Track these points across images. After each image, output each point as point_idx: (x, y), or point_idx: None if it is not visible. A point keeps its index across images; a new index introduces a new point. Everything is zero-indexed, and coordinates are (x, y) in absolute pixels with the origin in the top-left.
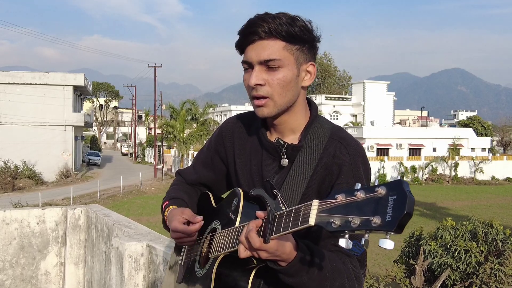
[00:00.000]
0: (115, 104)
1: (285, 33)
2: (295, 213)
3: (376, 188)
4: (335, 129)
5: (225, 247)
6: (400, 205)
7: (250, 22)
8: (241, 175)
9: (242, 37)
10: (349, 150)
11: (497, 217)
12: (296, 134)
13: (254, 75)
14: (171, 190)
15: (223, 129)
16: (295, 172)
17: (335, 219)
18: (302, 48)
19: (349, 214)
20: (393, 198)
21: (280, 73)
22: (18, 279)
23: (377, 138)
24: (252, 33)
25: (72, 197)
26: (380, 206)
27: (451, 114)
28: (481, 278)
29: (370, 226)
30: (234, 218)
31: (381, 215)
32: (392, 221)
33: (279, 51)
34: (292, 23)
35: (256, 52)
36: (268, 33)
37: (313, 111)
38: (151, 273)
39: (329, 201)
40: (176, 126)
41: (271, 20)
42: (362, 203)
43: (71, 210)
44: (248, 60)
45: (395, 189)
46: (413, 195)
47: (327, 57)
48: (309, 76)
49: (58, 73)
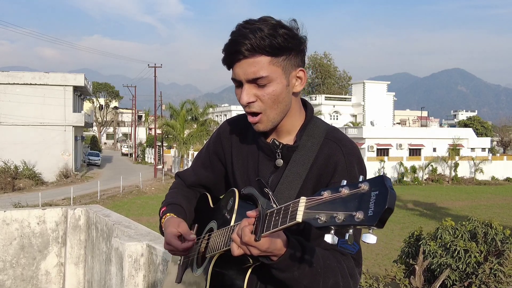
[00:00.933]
0: (115, 104)
1: (269, 47)
2: (284, 211)
3: (359, 184)
4: (330, 129)
5: (220, 246)
6: (382, 200)
7: (232, 40)
8: (238, 176)
9: (227, 56)
10: (343, 150)
11: (497, 217)
12: (291, 135)
13: (244, 94)
14: (170, 194)
15: (221, 130)
16: (290, 172)
17: (321, 215)
18: (289, 56)
19: (334, 210)
20: (375, 193)
21: (269, 88)
22: (19, 279)
23: (377, 138)
24: (236, 52)
25: (72, 197)
26: (363, 202)
27: (451, 114)
28: (481, 278)
29: (353, 221)
30: (230, 218)
31: (363, 210)
32: (373, 216)
33: (265, 67)
34: (275, 33)
35: (243, 70)
36: (252, 50)
37: (309, 112)
38: (151, 273)
39: (315, 198)
40: (176, 126)
41: (252, 36)
42: (347, 199)
43: (71, 211)
44: (236, 78)
45: (377, 184)
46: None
47: (327, 57)
48: (299, 81)
49: (58, 74)
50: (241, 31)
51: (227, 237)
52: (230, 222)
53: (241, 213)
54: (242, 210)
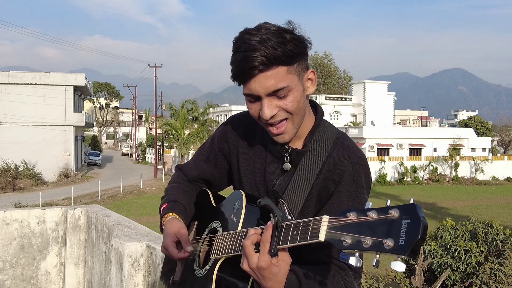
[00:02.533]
0: (116, 104)
1: (284, 57)
2: (304, 226)
3: (390, 210)
4: (340, 135)
5: (227, 250)
6: (414, 230)
7: (244, 56)
8: (244, 175)
9: (240, 73)
10: (352, 158)
11: (497, 217)
12: (301, 138)
13: (266, 108)
14: (170, 189)
15: (228, 126)
16: (299, 177)
17: (347, 238)
18: (300, 61)
19: (361, 234)
20: (406, 222)
21: (290, 97)
22: (19, 279)
23: (378, 138)
24: (251, 68)
25: (73, 197)
26: (393, 229)
27: (451, 114)
28: (481, 278)
29: (382, 248)
30: (236, 222)
31: (394, 238)
32: (405, 245)
33: (284, 77)
34: (284, 41)
35: (261, 85)
36: (267, 63)
37: (319, 115)
38: (151, 273)
39: (340, 219)
40: (177, 126)
41: (262, 47)
42: (374, 224)
43: (71, 210)
44: (253, 93)
45: (409, 212)
46: (426, 221)
47: (327, 57)
48: (311, 83)
49: (58, 73)
50: (248, 44)
51: (235, 242)
52: (237, 227)
53: (249, 218)
54: (249, 215)
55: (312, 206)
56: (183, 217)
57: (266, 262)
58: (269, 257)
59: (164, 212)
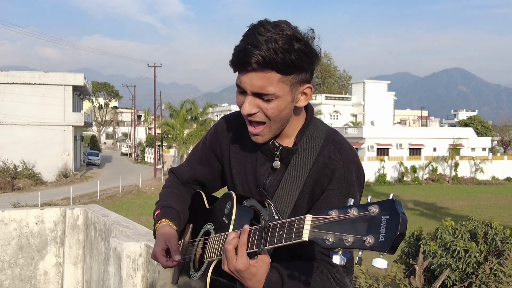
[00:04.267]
0: (115, 104)
1: (281, 64)
2: (289, 226)
3: (369, 207)
4: (331, 131)
5: (219, 253)
6: (393, 226)
7: (244, 48)
8: (235, 175)
9: (235, 63)
10: (343, 155)
11: (497, 217)
12: (291, 136)
13: (247, 104)
14: (164, 194)
15: (219, 127)
16: (290, 175)
17: (329, 236)
18: (298, 74)
19: (343, 232)
20: (386, 218)
21: (273, 103)
22: (17, 279)
23: (377, 138)
24: (245, 63)
25: (72, 197)
26: (373, 226)
27: (451, 114)
28: (481, 278)
29: (363, 246)
30: (228, 223)
31: (374, 235)
32: (385, 241)
33: (274, 84)
34: (289, 48)
35: (250, 82)
36: (263, 64)
37: (309, 113)
38: (149, 273)
39: (322, 217)
40: (176, 126)
41: (265, 47)
42: (355, 221)
43: (69, 210)
44: (241, 86)
45: (388, 208)
46: (406, 216)
47: (327, 57)
48: (304, 97)
49: (57, 73)
50: (255, 38)
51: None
52: (229, 229)
53: (240, 218)
54: (240, 216)
55: (304, 205)
56: (176, 223)
57: (244, 265)
58: (246, 260)
59: (157, 219)
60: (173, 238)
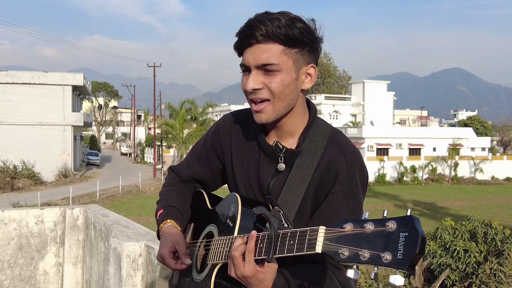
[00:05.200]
0: (114, 104)
1: (284, 36)
2: (300, 236)
3: (387, 223)
4: (334, 132)
5: (224, 256)
6: (412, 244)
7: (248, 24)
8: (238, 175)
9: (240, 40)
10: (347, 157)
11: (497, 217)
12: (294, 137)
13: (251, 79)
14: (165, 193)
15: (220, 126)
16: (294, 178)
17: (344, 250)
18: (302, 51)
19: (358, 246)
20: (404, 235)
21: (277, 77)
22: (17, 279)
23: (377, 138)
24: (250, 36)
25: (71, 197)
26: (390, 242)
27: (451, 114)
28: (481, 278)
29: (380, 262)
30: (232, 227)
31: (392, 252)
32: (403, 259)
33: (277, 55)
34: (292, 25)
35: (254, 55)
36: (266, 36)
37: (312, 113)
38: (149, 273)
39: (336, 230)
40: (176, 126)
41: (269, 23)
42: (371, 236)
43: (69, 210)
44: (245, 63)
45: (406, 225)
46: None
47: (326, 57)
48: (309, 78)
49: (57, 73)
50: (258, 17)
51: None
52: (233, 232)
53: (245, 222)
54: (245, 219)
55: (308, 207)
56: (180, 223)
57: (251, 271)
58: (254, 266)
59: (161, 219)
60: (181, 240)
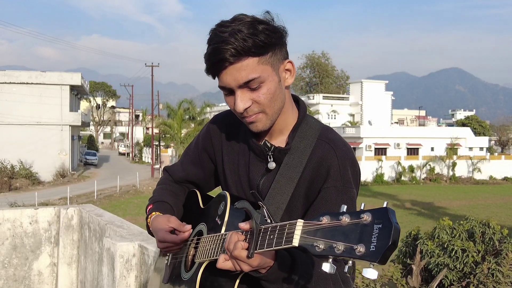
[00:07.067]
0: (112, 103)
1: (253, 47)
2: (280, 231)
3: (362, 214)
4: (324, 129)
5: (209, 254)
6: (385, 236)
7: (214, 48)
8: (229, 175)
9: (211, 66)
10: (337, 153)
11: (494, 217)
12: (284, 135)
13: (239, 101)
14: (157, 191)
15: (211, 126)
16: (282, 176)
17: (319, 243)
18: (274, 51)
19: (334, 239)
20: (378, 226)
21: (263, 88)
22: (11, 280)
23: (375, 138)
24: (221, 60)
25: (69, 197)
26: (364, 234)
27: (449, 114)
28: (478, 278)
29: (354, 255)
30: (220, 224)
31: (365, 244)
32: (376, 251)
33: (254, 68)
34: (255, 32)
35: (232, 77)
36: (237, 55)
37: (301, 110)
38: (143, 273)
39: (314, 223)
40: (174, 125)
41: (233, 39)
42: (347, 229)
43: (64, 210)
44: (226, 86)
45: (381, 217)
46: (399, 225)
47: (325, 57)
48: (289, 74)
49: (54, 73)
50: (219, 36)
51: (218, 245)
52: (221, 230)
53: (232, 220)
54: (233, 217)
55: (299, 205)
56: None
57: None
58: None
59: (149, 213)
60: (172, 218)
